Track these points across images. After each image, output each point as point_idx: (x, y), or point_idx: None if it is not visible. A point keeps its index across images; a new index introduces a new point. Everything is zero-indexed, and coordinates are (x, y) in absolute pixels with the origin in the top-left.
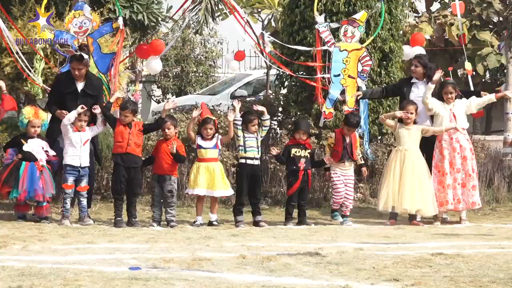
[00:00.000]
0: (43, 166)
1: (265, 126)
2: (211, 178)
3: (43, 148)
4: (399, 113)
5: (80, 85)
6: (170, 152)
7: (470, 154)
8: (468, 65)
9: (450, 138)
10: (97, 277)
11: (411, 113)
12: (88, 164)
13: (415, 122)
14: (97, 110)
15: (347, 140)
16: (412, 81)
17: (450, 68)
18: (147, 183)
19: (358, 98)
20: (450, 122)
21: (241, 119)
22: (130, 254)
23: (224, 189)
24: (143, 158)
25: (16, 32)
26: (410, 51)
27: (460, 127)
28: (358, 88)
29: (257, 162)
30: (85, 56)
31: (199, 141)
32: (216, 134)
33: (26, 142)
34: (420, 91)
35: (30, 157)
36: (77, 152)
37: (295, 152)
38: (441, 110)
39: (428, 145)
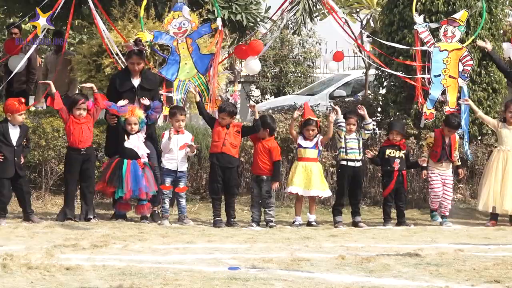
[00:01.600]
0: (145, 164)
1: (367, 130)
2: (307, 178)
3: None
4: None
5: (136, 81)
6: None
7: None
8: None
9: None
10: (196, 276)
11: None
12: (185, 169)
13: None
14: (145, 101)
15: (447, 141)
16: None
17: None
18: (246, 184)
19: (487, 50)
20: None
21: (344, 120)
22: (229, 254)
23: (322, 189)
24: (241, 159)
25: (116, 33)
26: (508, 48)
27: None
28: (460, 89)
29: (358, 164)
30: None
31: (299, 140)
32: (317, 135)
33: (128, 139)
34: None
35: (131, 154)
36: (174, 156)
37: (390, 153)
38: None
39: None
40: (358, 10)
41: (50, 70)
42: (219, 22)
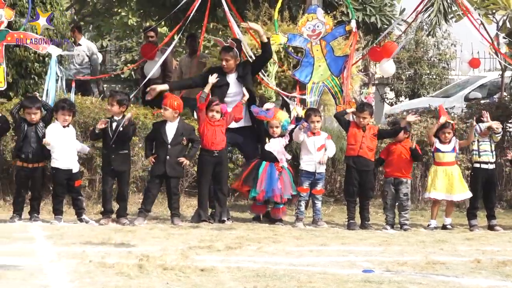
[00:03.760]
0: (283, 167)
1: (496, 133)
2: (449, 182)
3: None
4: None
5: (229, 78)
6: (409, 148)
7: None
8: None
9: None
10: (330, 279)
11: None
12: (324, 171)
13: None
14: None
15: None
16: None
17: None
18: (380, 186)
19: None
20: None
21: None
22: (363, 257)
23: (463, 192)
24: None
25: (250, 36)
26: None
27: None
28: None
29: (492, 166)
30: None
31: (437, 144)
32: (454, 137)
33: (269, 141)
34: None
35: (270, 157)
36: (312, 157)
37: None
38: None
39: None
40: (494, 11)
41: (184, 72)
42: (353, 24)
